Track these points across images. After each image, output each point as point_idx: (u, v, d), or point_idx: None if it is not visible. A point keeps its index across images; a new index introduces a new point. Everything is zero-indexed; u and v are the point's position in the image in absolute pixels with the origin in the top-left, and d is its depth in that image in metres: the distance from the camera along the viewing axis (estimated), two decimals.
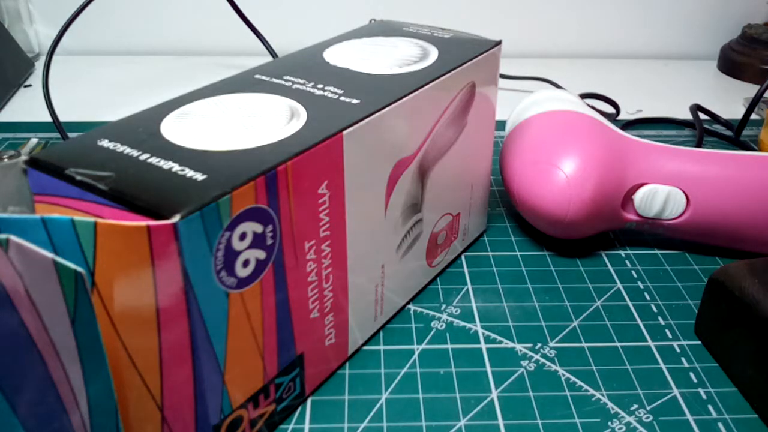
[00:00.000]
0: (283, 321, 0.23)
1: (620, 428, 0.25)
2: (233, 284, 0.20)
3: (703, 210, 0.33)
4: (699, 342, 0.29)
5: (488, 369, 0.28)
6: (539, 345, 0.29)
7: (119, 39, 0.66)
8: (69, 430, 0.18)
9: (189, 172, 0.20)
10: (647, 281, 0.33)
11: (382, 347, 0.29)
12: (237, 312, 0.21)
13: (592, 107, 0.45)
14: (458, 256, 0.35)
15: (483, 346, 0.29)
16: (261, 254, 0.21)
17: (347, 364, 0.28)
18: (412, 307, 0.31)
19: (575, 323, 0.30)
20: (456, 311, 0.31)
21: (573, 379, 0.27)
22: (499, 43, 0.31)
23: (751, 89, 0.60)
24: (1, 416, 0.17)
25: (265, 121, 0.23)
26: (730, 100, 0.58)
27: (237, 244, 0.20)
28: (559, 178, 0.32)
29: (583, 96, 0.53)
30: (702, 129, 0.47)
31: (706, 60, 0.67)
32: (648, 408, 0.26)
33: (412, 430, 0.25)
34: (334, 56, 0.29)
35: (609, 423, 0.25)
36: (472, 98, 0.30)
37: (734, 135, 0.49)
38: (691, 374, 0.28)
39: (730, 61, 0.63)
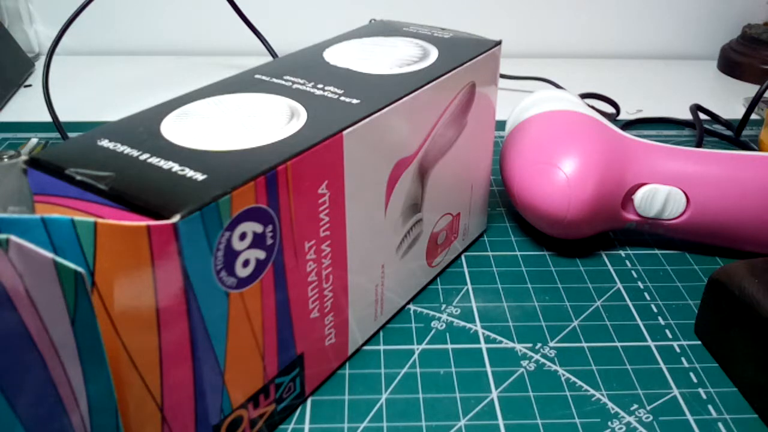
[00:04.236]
0: (283, 321, 0.23)
1: (620, 428, 0.25)
2: (233, 284, 0.20)
3: (703, 210, 0.33)
4: (699, 342, 0.29)
5: (488, 369, 0.28)
6: (539, 345, 0.29)
7: (119, 39, 0.66)
8: (69, 430, 0.18)
9: (189, 172, 0.20)
10: (647, 281, 0.33)
11: (382, 347, 0.29)
12: (237, 312, 0.21)
13: (592, 107, 0.45)
14: (458, 256, 0.35)
15: (483, 346, 0.29)
16: (261, 254, 0.21)
17: (347, 364, 0.28)
18: (412, 307, 0.31)
19: (575, 323, 0.30)
20: (456, 311, 0.31)
21: (573, 379, 0.27)
22: (499, 43, 0.31)
23: (751, 89, 0.60)
24: (1, 416, 0.17)
25: (265, 121, 0.23)
26: (730, 100, 0.58)
27: (237, 244, 0.20)
28: (559, 178, 0.32)
29: (583, 96, 0.53)
30: (702, 129, 0.47)
31: (706, 60, 0.67)
32: (648, 408, 0.26)
33: (412, 430, 0.25)
34: (334, 56, 0.29)
35: (609, 423, 0.25)
36: (472, 98, 0.30)
37: (734, 135, 0.49)
38: (691, 374, 0.28)
39: (730, 61, 0.63)
